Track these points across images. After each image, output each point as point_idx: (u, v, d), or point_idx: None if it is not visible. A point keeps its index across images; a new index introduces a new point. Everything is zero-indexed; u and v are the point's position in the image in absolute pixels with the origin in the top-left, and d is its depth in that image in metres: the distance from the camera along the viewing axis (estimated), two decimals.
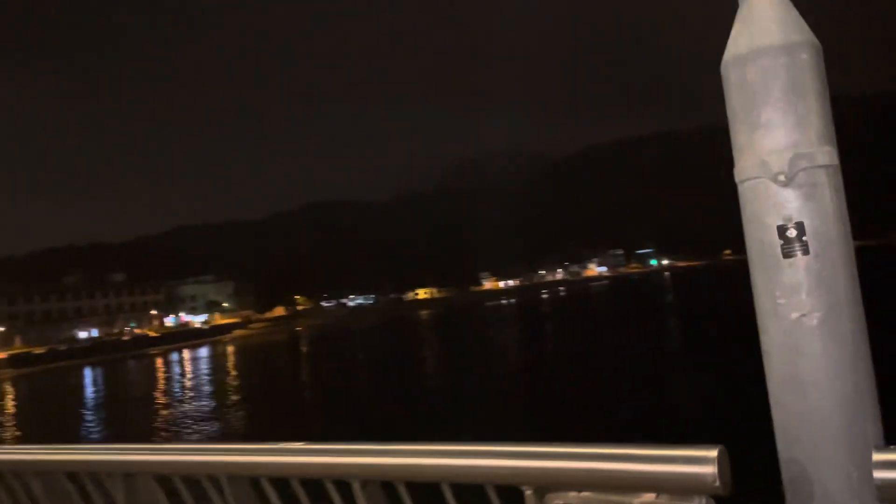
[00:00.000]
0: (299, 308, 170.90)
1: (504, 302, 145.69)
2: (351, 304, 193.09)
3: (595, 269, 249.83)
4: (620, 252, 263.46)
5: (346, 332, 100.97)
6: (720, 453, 1.21)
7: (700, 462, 1.22)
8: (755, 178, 1.28)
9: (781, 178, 1.23)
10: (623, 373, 32.18)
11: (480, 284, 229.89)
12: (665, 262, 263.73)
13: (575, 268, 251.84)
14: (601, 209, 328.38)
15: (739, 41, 1.30)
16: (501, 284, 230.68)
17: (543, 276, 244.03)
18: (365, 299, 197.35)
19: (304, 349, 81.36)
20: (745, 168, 1.32)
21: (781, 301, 1.24)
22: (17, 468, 2.67)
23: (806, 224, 1.22)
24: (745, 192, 1.33)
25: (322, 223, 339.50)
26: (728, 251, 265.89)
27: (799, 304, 1.22)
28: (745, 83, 1.28)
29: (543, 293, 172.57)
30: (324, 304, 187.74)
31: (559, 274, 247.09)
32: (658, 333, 50.28)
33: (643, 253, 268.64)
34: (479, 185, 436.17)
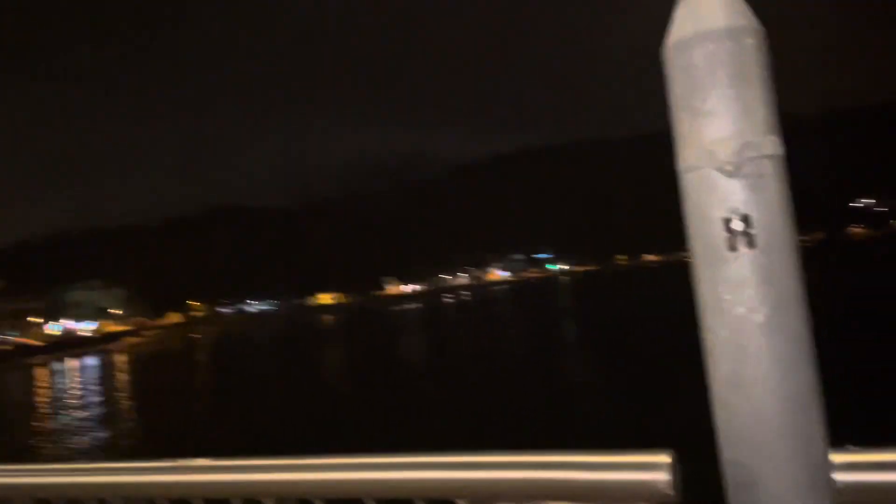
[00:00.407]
0: (195, 315, 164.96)
1: (408, 307, 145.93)
2: (251, 309, 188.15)
3: (497, 274, 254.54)
4: (522, 257, 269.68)
5: (245, 338, 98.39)
6: (673, 458, 1.15)
7: (652, 468, 1.15)
8: (699, 167, 1.19)
9: (728, 167, 1.15)
10: (528, 375, 33.03)
11: (383, 289, 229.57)
12: (563, 266, 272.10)
13: (478, 272, 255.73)
14: (503, 215, 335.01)
15: (685, 24, 1.21)
16: (405, 289, 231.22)
17: (447, 280, 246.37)
18: (266, 305, 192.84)
19: (199, 357, 78.64)
20: (688, 157, 1.21)
21: (727, 297, 1.17)
22: None
23: (752, 216, 1.14)
24: (689, 182, 1.22)
25: (222, 229, 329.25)
26: (621, 256, 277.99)
27: (745, 300, 1.15)
28: (690, 67, 1.19)
29: (447, 297, 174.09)
30: (222, 310, 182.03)
31: (463, 278, 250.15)
32: (558, 336, 51.86)
33: (542, 258, 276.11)
34: (385, 190, 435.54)
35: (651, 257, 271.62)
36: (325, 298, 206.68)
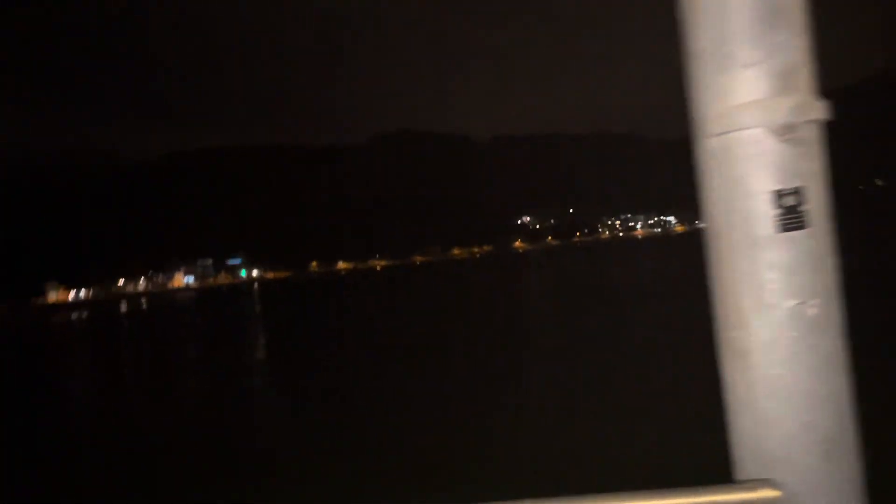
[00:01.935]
0: None
1: (73, 317, 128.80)
2: None
3: (182, 280, 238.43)
4: (210, 262, 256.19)
5: None
6: (781, 493, 0.96)
7: None
8: (734, 131, 0.97)
9: (772, 133, 0.94)
10: (211, 395, 29.84)
11: (45, 295, 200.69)
12: (255, 272, 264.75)
13: (160, 277, 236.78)
14: (189, 218, 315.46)
15: None
16: (71, 296, 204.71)
17: (123, 286, 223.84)
18: None
19: None
20: (719, 119, 0.99)
21: (773, 286, 0.96)
22: None
23: (803, 191, 0.95)
24: (720, 149, 0.99)
25: None
26: (315, 262, 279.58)
27: (796, 290, 0.96)
28: (717, 10, 0.97)
29: (122, 306, 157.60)
30: None
31: (141, 284, 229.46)
32: (245, 347, 48.94)
33: (233, 264, 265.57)
34: (51, 186, 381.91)
35: (343, 264, 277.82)
36: None
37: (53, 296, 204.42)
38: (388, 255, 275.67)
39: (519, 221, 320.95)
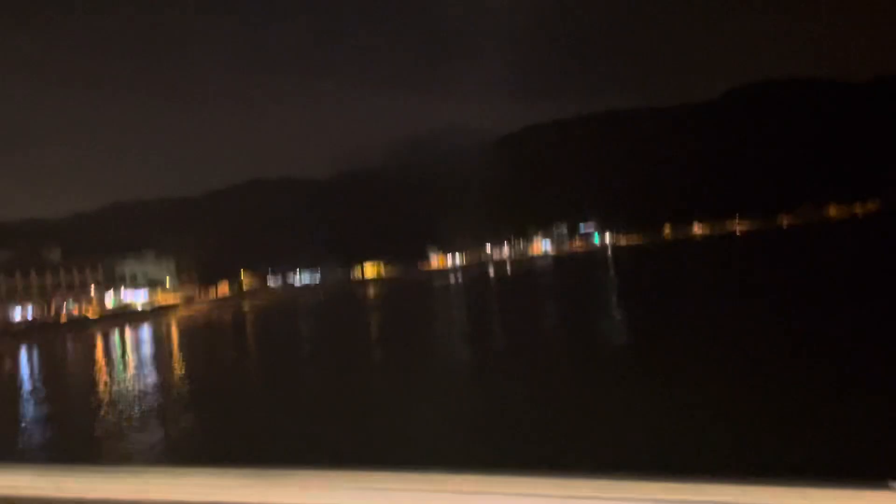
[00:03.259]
0: (244, 286, 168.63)
1: (450, 280, 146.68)
2: (296, 281, 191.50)
3: (540, 247, 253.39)
4: (564, 229, 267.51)
5: (292, 310, 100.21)
6: None
7: None
8: None
9: None
10: (581, 364, 32.73)
11: (426, 262, 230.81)
12: (608, 239, 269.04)
13: (520, 245, 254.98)
14: (545, 187, 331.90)
15: None
16: (447, 261, 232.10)
17: (489, 253, 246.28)
18: (310, 277, 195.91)
19: (248, 328, 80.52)
20: None
21: None
22: None
23: None
24: None
25: (265, 200, 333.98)
26: (668, 228, 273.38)
27: None
28: None
29: (489, 270, 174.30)
30: (269, 282, 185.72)
31: (505, 251, 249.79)
32: (605, 312, 51.43)
33: (586, 231, 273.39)
34: (423, 163, 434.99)
35: (700, 229, 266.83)
36: (369, 271, 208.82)
37: (435, 261, 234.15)
38: (748, 217, 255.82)
39: None
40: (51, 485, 1.78)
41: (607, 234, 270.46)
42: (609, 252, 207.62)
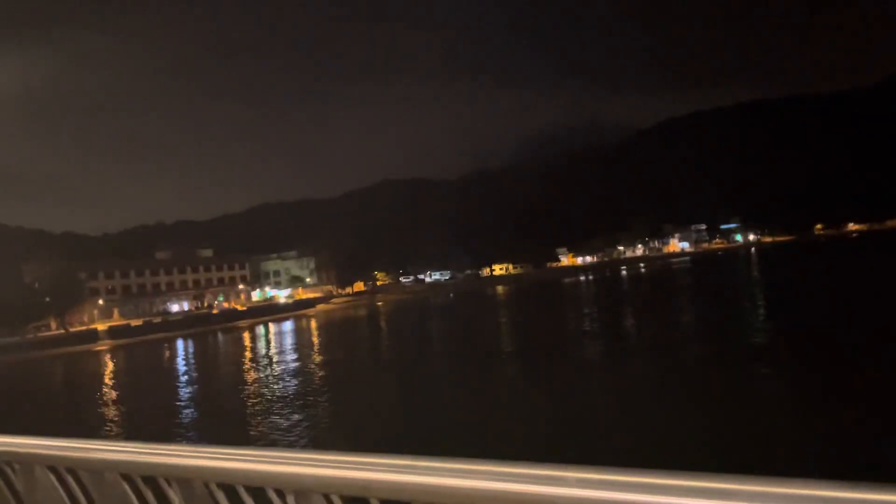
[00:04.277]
0: (379, 283, 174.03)
1: (582, 278, 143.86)
2: (429, 279, 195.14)
3: (677, 245, 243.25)
4: (703, 227, 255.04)
5: (426, 307, 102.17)
6: None
7: None
8: None
9: None
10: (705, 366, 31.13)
11: (558, 261, 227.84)
12: (751, 237, 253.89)
13: (655, 243, 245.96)
14: (682, 183, 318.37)
15: None
16: (579, 261, 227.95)
17: (622, 252, 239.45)
18: (441, 275, 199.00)
19: (384, 324, 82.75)
20: None
21: None
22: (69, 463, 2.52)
23: None
24: None
25: (396, 201, 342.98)
26: (819, 225, 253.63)
27: None
28: None
29: (622, 269, 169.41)
30: (402, 279, 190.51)
31: (639, 250, 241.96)
32: (740, 313, 48.49)
33: (727, 228, 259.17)
34: (557, 159, 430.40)
35: (855, 226, 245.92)
36: (498, 269, 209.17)
37: (564, 260, 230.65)
38: None
39: None
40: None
41: (750, 233, 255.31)
42: (752, 250, 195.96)
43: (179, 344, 76.82)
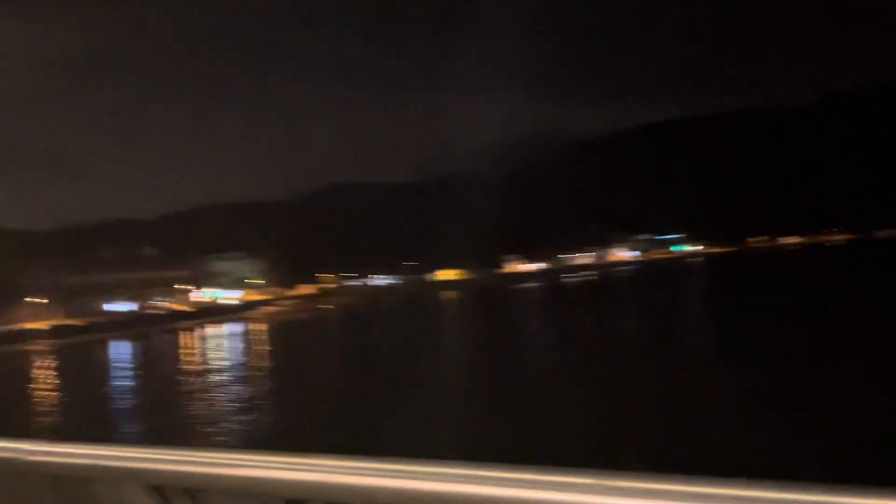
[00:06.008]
0: (325, 286, 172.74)
1: (529, 285, 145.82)
2: (376, 283, 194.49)
3: (620, 254, 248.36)
4: (647, 237, 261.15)
5: (372, 310, 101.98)
6: None
7: None
8: None
9: None
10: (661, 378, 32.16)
11: (505, 267, 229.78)
12: (692, 248, 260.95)
13: (601, 252, 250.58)
14: (627, 194, 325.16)
15: None
16: (526, 267, 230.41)
17: (569, 259, 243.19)
18: (390, 279, 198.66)
19: (330, 326, 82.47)
20: None
21: None
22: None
23: None
24: None
25: (344, 204, 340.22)
26: (753, 238, 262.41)
27: None
28: None
29: (569, 277, 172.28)
30: (349, 282, 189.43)
31: (586, 258, 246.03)
32: (685, 322, 50.17)
33: (670, 238, 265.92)
34: (508, 167, 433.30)
35: (790, 239, 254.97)
36: (447, 274, 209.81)
37: (512, 266, 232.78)
38: (844, 228, 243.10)
39: None
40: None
41: (691, 244, 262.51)
42: (695, 261, 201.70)
43: (123, 346, 75.04)
